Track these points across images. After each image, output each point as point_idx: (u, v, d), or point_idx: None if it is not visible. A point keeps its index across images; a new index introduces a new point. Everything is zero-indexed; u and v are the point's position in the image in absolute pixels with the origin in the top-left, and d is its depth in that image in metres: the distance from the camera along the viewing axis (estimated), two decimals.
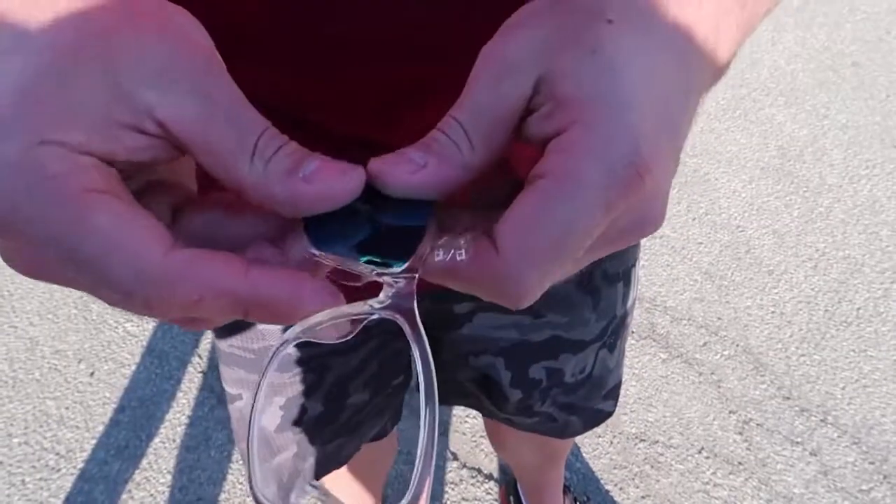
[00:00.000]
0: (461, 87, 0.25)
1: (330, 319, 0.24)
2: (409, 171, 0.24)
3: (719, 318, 1.70)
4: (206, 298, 0.22)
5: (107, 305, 1.65)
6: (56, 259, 0.21)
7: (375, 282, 0.25)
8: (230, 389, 0.71)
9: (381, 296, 0.25)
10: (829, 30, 2.61)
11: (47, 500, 1.38)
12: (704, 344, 1.64)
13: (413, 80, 0.40)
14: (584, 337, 0.69)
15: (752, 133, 2.21)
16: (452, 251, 0.24)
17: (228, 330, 0.65)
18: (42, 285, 1.74)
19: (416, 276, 0.24)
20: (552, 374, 0.70)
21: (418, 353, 0.23)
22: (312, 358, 0.65)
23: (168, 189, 0.26)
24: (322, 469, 0.76)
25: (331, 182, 0.23)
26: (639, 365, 1.60)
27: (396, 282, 0.24)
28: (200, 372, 1.59)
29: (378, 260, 0.24)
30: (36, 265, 0.22)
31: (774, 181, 2.05)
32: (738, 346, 1.64)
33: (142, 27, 0.22)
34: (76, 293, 1.72)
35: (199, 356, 1.62)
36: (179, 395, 1.55)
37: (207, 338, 1.64)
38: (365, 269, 0.24)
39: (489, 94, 0.24)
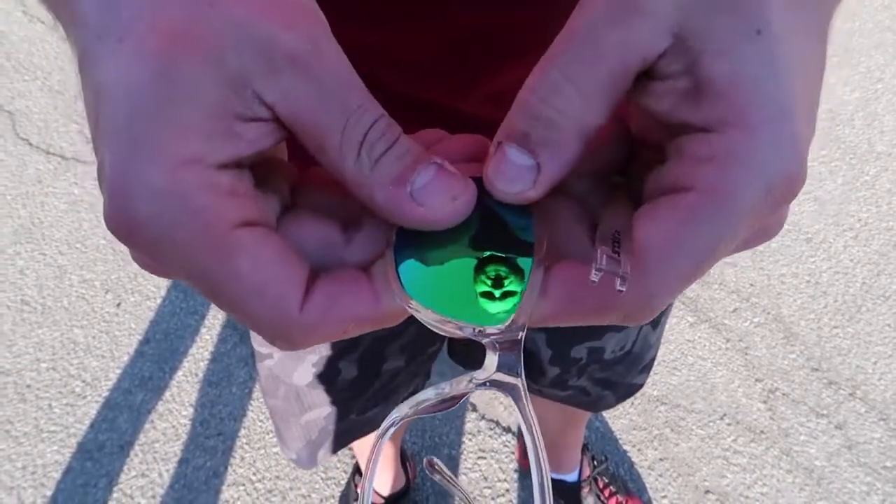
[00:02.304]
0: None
1: (435, 399, 0.22)
2: (526, 185, 0.21)
3: (752, 285, 1.66)
4: (349, 331, 0.22)
5: None
6: (196, 286, 0.20)
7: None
8: (260, 348, 0.70)
9: (486, 363, 0.22)
10: None
11: (73, 424, 1.41)
12: (734, 310, 1.61)
13: (493, 31, 0.37)
14: None
15: None
16: (611, 277, 0.20)
17: None
18: (71, 215, 1.75)
19: (524, 334, 0.21)
20: (593, 353, 0.68)
21: (527, 434, 0.21)
22: None
23: (280, 166, 0.24)
24: (357, 433, 0.76)
25: (438, 207, 0.21)
26: (665, 328, 1.57)
27: (500, 344, 0.22)
28: None
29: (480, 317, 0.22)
30: (168, 276, 0.22)
31: (820, 146, 1.97)
32: (769, 313, 1.60)
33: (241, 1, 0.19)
34: (104, 225, 1.73)
35: None
36: (203, 330, 1.56)
37: None
38: (460, 327, 0.22)
39: (609, 36, 0.19)
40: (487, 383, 0.22)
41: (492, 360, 0.22)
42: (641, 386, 0.80)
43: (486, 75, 0.40)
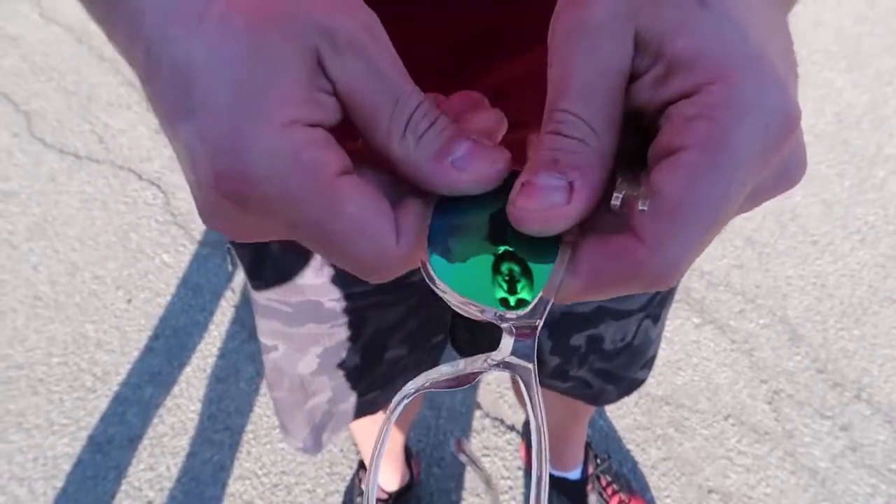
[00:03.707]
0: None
1: (451, 374, 0.23)
2: (561, 201, 0.22)
3: (757, 287, 1.66)
4: None
5: (145, 236, 1.67)
6: (301, 236, 0.22)
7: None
8: (266, 341, 0.71)
9: (501, 345, 0.23)
10: None
11: (83, 418, 1.43)
12: (740, 311, 1.61)
13: (492, 29, 0.38)
14: (630, 306, 0.67)
15: (809, 97, 2.12)
16: (632, 199, 0.21)
17: (266, 283, 0.65)
18: (84, 212, 1.78)
19: (542, 322, 0.23)
20: (592, 341, 0.69)
21: (532, 420, 0.22)
22: (352, 311, 0.65)
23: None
24: (359, 414, 0.77)
25: (480, 170, 0.23)
26: (670, 328, 1.58)
27: (517, 328, 0.23)
28: (233, 306, 1.61)
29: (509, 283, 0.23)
30: (255, 234, 0.24)
31: (828, 148, 1.97)
32: (774, 315, 1.60)
33: None
34: (117, 221, 1.76)
35: (233, 290, 1.64)
36: (212, 327, 1.58)
37: (240, 274, 1.66)
38: (481, 310, 0.23)
39: (589, 67, 0.22)
40: (501, 364, 0.23)
41: (507, 343, 0.23)
42: (643, 381, 0.81)
43: (486, 70, 0.41)
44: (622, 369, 0.76)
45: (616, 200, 0.21)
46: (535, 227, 0.22)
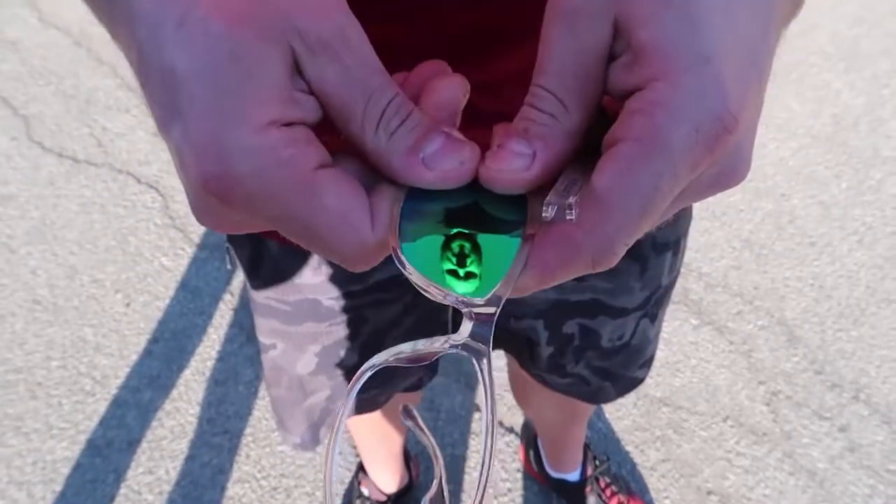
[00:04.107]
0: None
1: (412, 352, 0.25)
2: (522, 167, 0.23)
3: (755, 288, 1.66)
4: None
5: (143, 240, 1.67)
6: (284, 229, 0.23)
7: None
8: (264, 339, 0.72)
9: (461, 330, 0.24)
10: None
11: (82, 422, 1.43)
12: (738, 313, 1.61)
13: (485, 27, 0.39)
14: (627, 305, 0.68)
15: (806, 99, 2.12)
16: (561, 210, 0.23)
17: (265, 282, 0.65)
18: (82, 216, 1.78)
19: (499, 309, 0.24)
20: (586, 333, 0.69)
21: (486, 396, 0.24)
22: (350, 309, 0.65)
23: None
24: (357, 411, 0.77)
25: (448, 169, 0.24)
26: (668, 330, 1.58)
27: (477, 314, 0.24)
28: (231, 309, 1.62)
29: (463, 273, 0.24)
30: (241, 227, 0.25)
31: (825, 150, 1.97)
32: (772, 316, 1.61)
33: None
34: (115, 225, 1.76)
35: (231, 294, 1.64)
36: (210, 330, 1.58)
37: (239, 277, 1.66)
38: (444, 295, 0.24)
39: (567, 47, 0.23)
40: (459, 346, 0.24)
41: (467, 326, 0.24)
42: (641, 381, 0.81)
43: (478, 67, 0.41)
44: (620, 368, 0.77)
45: (549, 212, 0.23)
46: (496, 186, 0.24)
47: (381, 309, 0.66)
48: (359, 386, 0.24)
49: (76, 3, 0.27)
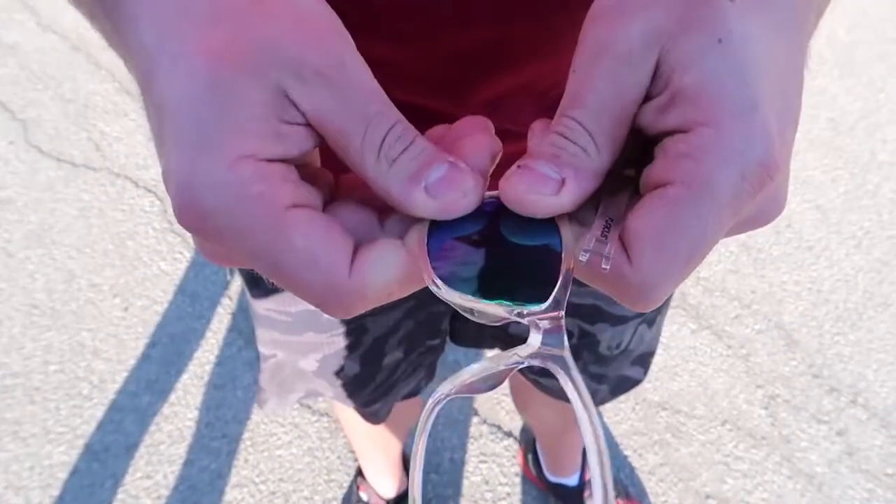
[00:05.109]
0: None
1: (480, 373, 0.23)
2: (550, 191, 0.23)
3: (753, 292, 1.66)
4: (394, 294, 0.24)
5: (142, 244, 1.67)
6: (257, 267, 0.23)
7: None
8: (264, 350, 0.72)
9: (530, 340, 0.23)
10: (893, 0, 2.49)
11: (80, 426, 1.43)
12: (736, 317, 1.62)
13: (490, 45, 0.39)
14: (626, 312, 0.68)
15: (803, 103, 2.13)
16: (597, 256, 0.22)
17: (265, 292, 0.65)
18: (81, 220, 1.78)
19: (563, 312, 0.23)
20: (584, 337, 0.69)
21: (580, 405, 0.22)
22: (351, 321, 0.65)
23: (319, 172, 0.26)
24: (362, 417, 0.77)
25: (450, 200, 0.23)
26: (666, 334, 1.58)
27: (542, 321, 0.23)
28: (230, 313, 1.61)
29: (513, 302, 0.23)
30: (232, 262, 0.25)
31: (822, 154, 1.98)
32: (770, 321, 1.61)
33: (275, 17, 0.22)
34: (114, 229, 1.76)
35: (230, 298, 1.64)
36: (209, 334, 1.58)
37: (237, 282, 1.66)
38: (500, 311, 0.23)
39: (607, 89, 0.23)
40: (536, 354, 0.23)
41: (535, 337, 0.23)
42: (638, 382, 0.81)
43: (484, 85, 0.42)
44: (614, 370, 0.77)
45: (583, 257, 0.22)
46: (518, 206, 0.23)
47: (382, 317, 0.66)
48: (431, 422, 0.23)
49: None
